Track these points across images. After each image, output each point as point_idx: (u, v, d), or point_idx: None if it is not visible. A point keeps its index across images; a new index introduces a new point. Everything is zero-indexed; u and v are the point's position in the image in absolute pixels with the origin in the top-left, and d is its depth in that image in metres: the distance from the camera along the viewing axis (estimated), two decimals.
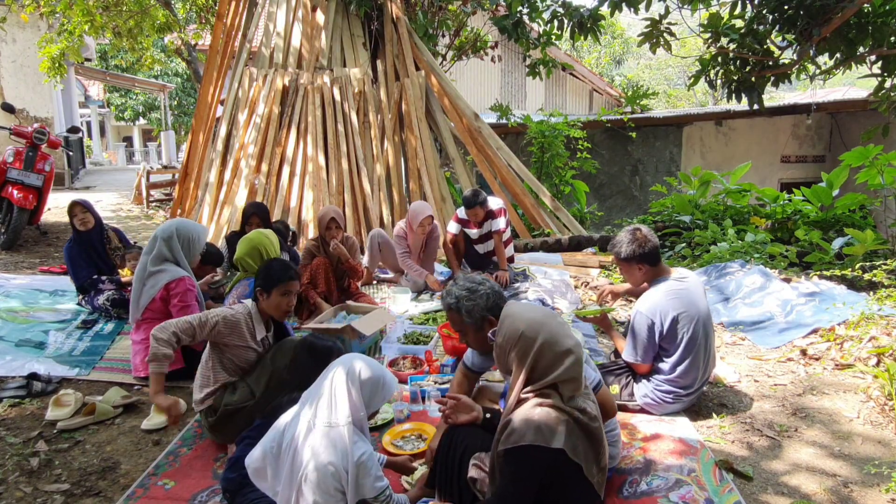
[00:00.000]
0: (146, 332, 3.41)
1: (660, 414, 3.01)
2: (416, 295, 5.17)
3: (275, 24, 7.66)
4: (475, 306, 2.37)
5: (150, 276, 3.41)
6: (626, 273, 3.09)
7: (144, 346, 3.42)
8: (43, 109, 11.27)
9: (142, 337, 3.43)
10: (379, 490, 1.94)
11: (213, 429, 2.74)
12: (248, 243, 3.83)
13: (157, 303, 3.39)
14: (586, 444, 1.84)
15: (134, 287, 3.48)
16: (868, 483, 2.47)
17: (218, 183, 7.09)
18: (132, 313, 3.48)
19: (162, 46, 17.24)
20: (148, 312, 3.41)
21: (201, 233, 3.65)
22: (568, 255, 6.59)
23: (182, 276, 3.41)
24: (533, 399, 1.83)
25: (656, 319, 2.89)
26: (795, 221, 7.16)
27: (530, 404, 1.82)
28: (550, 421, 1.78)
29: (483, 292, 2.40)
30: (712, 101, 22.34)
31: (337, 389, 1.98)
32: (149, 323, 3.39)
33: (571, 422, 1.81)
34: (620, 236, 3.03)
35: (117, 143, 28.00)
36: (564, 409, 1.82)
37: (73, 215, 4.52)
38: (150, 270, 3.41)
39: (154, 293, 3.37)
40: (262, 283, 2.82)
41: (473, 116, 7.61)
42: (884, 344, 3.52)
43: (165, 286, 3.38)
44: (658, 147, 11.25)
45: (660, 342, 2.94)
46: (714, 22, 5.79)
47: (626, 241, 2.98)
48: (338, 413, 1.95)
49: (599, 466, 1.88)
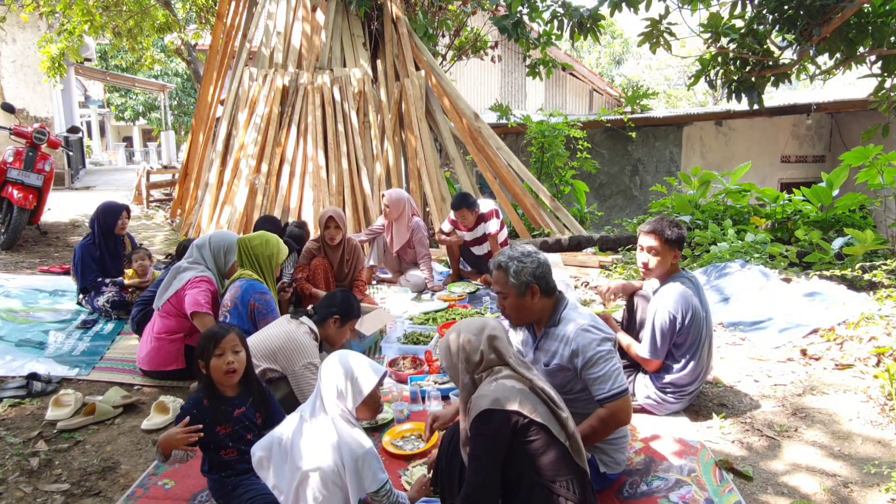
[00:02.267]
0: (159, 324, 3.46)
1: (660, 414, 3.02)
2: (417, 295, 5.17)
3: (275, 23, 7.66)
4: (523, 269, 2.40)
5: (181, 272, 3.51)
6: (662, 257, 2.94)
7: (151, 340, 3.45)
8: (43, 109, 11.27)
9: (155, 329, 3.47)
10: (380, 483, 1.95)
11: None
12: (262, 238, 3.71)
13: (179, 297, 3.44)
14: (546, 409, 1.90)
15: (166, 279, 3.56)
16: (868, 483, 2.47)
17: (218, 183, 7.09)
18: (156, 301, 3.54)
19: (162, 46, 17.23)
20: (167, 305, 3.46)
21: (233, 241, 3.69)
22: (568, 255, 6.59)
23: (204, 276, 3.48)
24: (487, 378, 1.96)
25: (678, 315, 2.87)
26: (795, 221, 7.16)
27: (485, 382, 1.95)
28: (505, 388, 1.89)
29: (534, 260, 2.44)
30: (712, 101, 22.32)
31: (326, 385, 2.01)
32: (164, 316, 3.46)
33: (526, 389, 1.91)
34: (656, 221, 2.96)
35: (117, 143, 27.98)
36: (517, 378, 1.94)
37: (120, 219, 4.64)
38: (183, 267, 3.52)
39: (179, 286, 3.44)
40: (342, 313, 2.93)
41: (473, 116, 7.61)
42: (884, 344, 3.53)
43: (188, 282, 3.43)
44: (658, 147, 11.25)
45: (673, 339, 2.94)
46: (714, 22, 5.78)
47: (668, 224, 2.93)
48: (329, 406, 1.98)
49: (567, 433, 1.92)
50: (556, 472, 1.84)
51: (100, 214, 4.63)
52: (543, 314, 2.43)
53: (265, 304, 3.31)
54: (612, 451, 2.36)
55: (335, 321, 2.90)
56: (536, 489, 1.84)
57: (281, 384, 2.73)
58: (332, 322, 2.90)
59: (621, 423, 2.28)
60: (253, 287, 3.32)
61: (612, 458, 2.36)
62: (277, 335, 2.80)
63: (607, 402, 2.23)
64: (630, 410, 2.31)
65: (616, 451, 2.37)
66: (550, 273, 2.47)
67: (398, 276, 5.55)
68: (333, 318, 2.90)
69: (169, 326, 3.44)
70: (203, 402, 2.23)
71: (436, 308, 4.74)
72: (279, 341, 2.77)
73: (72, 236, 7.48)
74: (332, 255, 4.61)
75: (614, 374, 2.25)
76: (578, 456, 1.92)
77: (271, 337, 2.80)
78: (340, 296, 3.01)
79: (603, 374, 2.24)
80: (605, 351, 2.27)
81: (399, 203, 5.22)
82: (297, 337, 2.78)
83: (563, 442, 1.89)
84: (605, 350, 2.27)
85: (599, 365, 2.25)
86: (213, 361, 2.22)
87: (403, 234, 5.32)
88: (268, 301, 3.34)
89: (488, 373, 1.97)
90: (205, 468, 2.27)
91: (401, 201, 5.24)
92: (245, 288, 3.30)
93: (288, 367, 2.75)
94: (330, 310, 2.93)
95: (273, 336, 2.81)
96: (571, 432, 1.94)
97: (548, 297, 2.42)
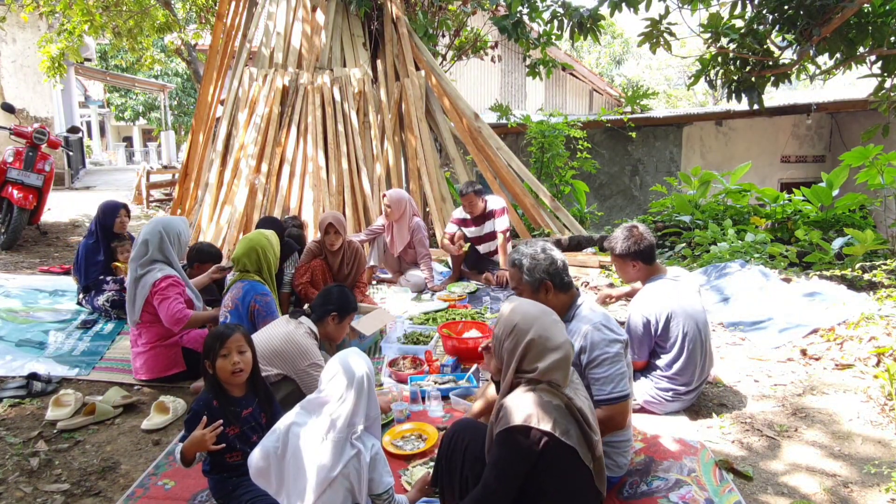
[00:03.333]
0: (146, 336, 3.42)
1: (660, 413, 3.02)
2: (417, 295, 5.17)
3: (275, 23, 7.66)
4: (537, 265, 2.44)
5: (139, 278, 3.40)
6: (621, 270, 3.12)
7: (145, 351, 3.43)
8: (43, 109, 11.27)
9: (143, 341, 3.43)
10: (387, 486, 1.96)
11: None
12: (247, 243, 3.80)
13: (150, 304, 3.38)
14: (578, 431, 1.85)
15: (128, 292, 3.47)
16: (868, 483, 2.47)
17: (218, 183, 7.08)
18: (129, 317, 3.48)
19: (162, 46, 17.22)
20: (145, 315, 3.40)
21: (184, 225, 3.63)
22: (568, 255, 6.58)
23: (166, 274, 3.38)
24: (523, 385, 1.88)
25: (651, 317, 2.92)
26: (795, 221, 7.16)
27: (521, 389, 1.87)
28: (541, 404, 1.81)
29: (547, 257, 2.47)
30: (712, 101, 22.32)
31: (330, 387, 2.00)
32: (147, 326, 3.40)
33: (563, 407, 1.84)
34: (617, 233, 3.06)
35: (117, 143, 27.99)
36: (556, 394, 1.85)
37: (118, 217, 4.64)
38: (139, 273, 3.40)
39: (146, 293, 3.37)
40: (339, 309, 2.92)
41: (473, 116, 7.61)
42: (884, 344, 3.53)
43: (153, 287, 3.36)
44: (658, 147, 11.25)
45: (655, 339, 2.97)
46: (714, 22, 5.78)
47: (621, 238, 3.01)
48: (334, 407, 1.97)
49: (594, 456, 1.89)
50: (575, 496, 1.83)
51: (100, 213, 4.65)
52: (559, 310, 2.43)
53: (265, 306, 3.31)
54: (615, 454, 2.36)
55: (333, 318, 2.90)
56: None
57: (281, 385, 2.73)
58: (331, 319, 2.90)
59: (617, 426, 2.29)
60: (254, 288, 3.32)
61: (614, 461, 2.36)
62: (276, 336, 2.80)
63: (605, 405, 2.24)
64: (628, 416, 2.32)
65: (619, 454, 2.37)
66: (566, 269, 2.49)
67: (398, 276, 5.54)
68: (331, 316, 2.90)
69: (160, 333, 3.41)
70: (212, 402, 2.22)
71: (436, 308, 4.74)
72: (279, 343, 2.77)
73: (72, 236, 7.48)
74: (333, 259, 4.61)
75: (617, 377, 2.25)
76: (600, 479, 1.90)
77: (271, 339, 2.80)
78: (336, 292, 3.00)
79: (606, 376, 2.25)
80: (612, 353, 2.28)
81: (400, 203, 5.22)
82: (297, 338, 2.78)
83: (589, 465, 1.86)
84: (612, 352, 2.28)
85: (604, 366, 2.26)
86: (218, 362, 2.22)
87: (405, 234, 5.31)
88: (268, 303, 3.34)
89: (528, 381, 1.88)
90: (206, 468, 2.27)
91: (402, 202, 5.24)
92: (246, 289, 3.30)
93: (290, 368, 2.75)
94: (327, 307, 2.92)
95: (272, 337, 2.80)
96: (598, 455, 1.90)
97: (563, 293, 2.44)
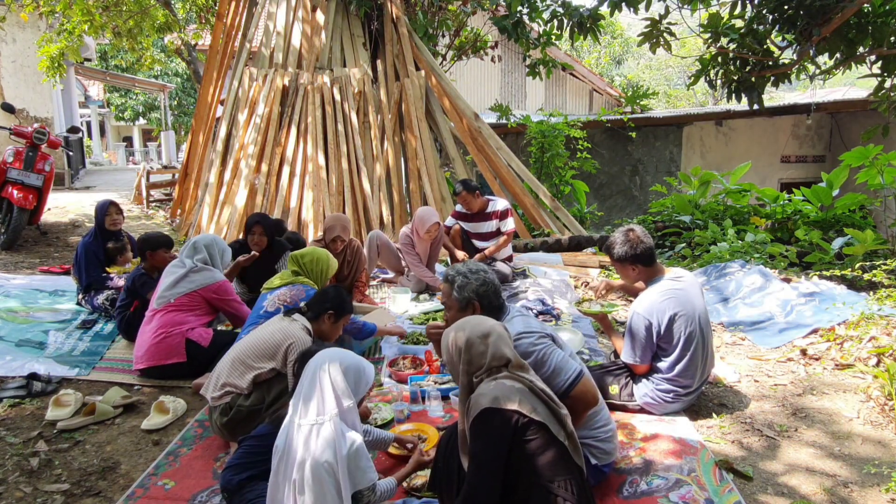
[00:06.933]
0: (160, 321, 3.47)
1: (660, 413, 3.01)
2: (416, 295, 5.17)
3: (275, 23, 7.66)
4: (467, 284, 2.48)
5: (196, 271, 3.60)
6: (621, 273, 3.13)
7: (154, 335, 3.45)
8: (43, 109, 11.26)
9: (155, 325, 3.46)
10: (371, 481, 1.96)
11: (224, 426, 2.75)
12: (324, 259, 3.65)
13: (195, 296, 3.55)
14: (546, 409, 1.92)
15: (165, 277, 3.60)
16: (867, 483, 2.47)
17: (218, 183, 7.09)
18: (156, 299, 3.54)
19: (162, 46, 17.23)
20: (182, 299, 3.52)
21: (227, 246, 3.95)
22: (568, 255, 6.59)
23: (224, 280, 3.72)
24: (486, 379, 1.97)
25: (653, 319, 2.90)
26: (795, 221, 7.17)
27: (484, 383, 1.96)
28: (504, 388, 1.91)
29: (480, 278, 2.50)
30: (712, 101, 22.32)
31: (322, 385, 2.01)
32: (169, 312, 3.47)
33: (525, 389, 1.93)
34: (614, 236, 3.05)
35: (117, 143, 27.95)
36: (517, 378, 1.95)
37: (107, 214, 4.69)
38: (197, 266, 3.62)
39: (195, 287, 3.56)
40: (335, 309, 2.93)
41: (473, 116, 7.61)
42: (884, 344, 3.52)
43: (211, 285, 3.60)
44: (658, 147, 11.25)
45: (657, 342, 2.95)
46: (714, 22, 5.79)
47: (619, 242, 3.00)
48: (325, 407, 1.98)
49: (567, 431, 1.93)
50: (555, 472, 1.84)
51: (94, 212, 4.79)
52: None
53: None
54: (600, 441, 2.36)
55: (329, 317, 2.90)
56: (534, 489, 1.84)
57: (273, 383, 2.74)
58: (327, 318, 2.90)
59: (589, 404, 2.32)
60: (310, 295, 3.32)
61: (601, 448, 2.35)
62: (273, 332, 2.83)
63: (569, 392, 2.27)
64: (594, 390, 2.36)
65: (603, 440, 2.37)
66: (497, 294, 2.52)
67: (398, 276, 5.54)
68: (328, 314, 2.90)
69: (174, 320, 3.47)
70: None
71: (436, 308, 4.74)
72: (277, 338, 2.79)
73: (72, 236, 7.48)
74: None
75: (562, 364, 2.31)
76: (577, 454, 1.93)
77: (267, 335, 2.82)
78: (332, 292, 3.02)
79: (553, 370, 2.30)
80: (542, 347, 2.33)
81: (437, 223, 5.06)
82: (293, 333, 2.79)
83: (563, 441, 1.90)
84: (541, 347, 2.33)
85: (545, 363, 2.31)
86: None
87: (436, 251, 5.31)
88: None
89: (488, 373, 1.98)
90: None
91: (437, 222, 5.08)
92: (309, 293, 3.32)
93: (281, 362, 2.76)
94: (324, 305, 2.92)
95: (269, 333, 2.83)
96: (570, 431, 1.94)
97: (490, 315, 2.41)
